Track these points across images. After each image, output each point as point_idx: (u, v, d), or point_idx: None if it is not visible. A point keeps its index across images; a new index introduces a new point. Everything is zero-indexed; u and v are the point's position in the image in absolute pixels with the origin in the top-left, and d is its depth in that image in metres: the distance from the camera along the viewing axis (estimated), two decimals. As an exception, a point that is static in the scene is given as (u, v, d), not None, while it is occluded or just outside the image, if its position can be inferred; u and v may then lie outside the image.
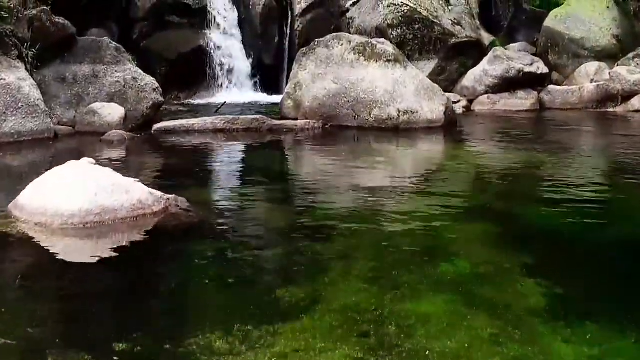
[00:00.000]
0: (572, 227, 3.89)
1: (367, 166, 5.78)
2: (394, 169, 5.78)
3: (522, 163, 5.88)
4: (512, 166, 5.75)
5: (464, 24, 12.28)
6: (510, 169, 5.62)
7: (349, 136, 7.74)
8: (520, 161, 5.94)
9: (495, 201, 4.50)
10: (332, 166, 5.94)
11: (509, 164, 5.86)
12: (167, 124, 7.67)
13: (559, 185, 4.96)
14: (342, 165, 5.98)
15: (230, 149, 7.08)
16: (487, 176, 5.33)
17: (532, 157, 6.18)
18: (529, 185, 4.98)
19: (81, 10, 12.13)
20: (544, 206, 4.41)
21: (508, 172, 5.51)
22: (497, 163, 5.96)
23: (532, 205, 4.44)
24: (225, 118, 7.83)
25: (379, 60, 8.21)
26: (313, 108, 8.26)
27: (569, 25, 12.33)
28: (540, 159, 6.07)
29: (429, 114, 8.05)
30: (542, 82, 10.86)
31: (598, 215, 4.17)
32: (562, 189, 4.83)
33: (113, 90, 7.88)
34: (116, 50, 8.03)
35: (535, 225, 3.95)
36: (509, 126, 8.60)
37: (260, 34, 12.50)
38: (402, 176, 5.41)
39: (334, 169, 5.75)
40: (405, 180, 5.18)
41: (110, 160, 5.92)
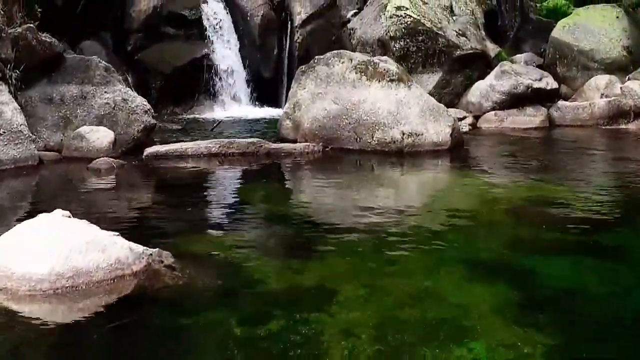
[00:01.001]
0: (601, 287, 3.48)
1: (367, 202, 5.36)
2: (396, 204, 5.36)
3: (535, 197, 5.47)
4: (524, 201, 5.34)
5: (469, 35, 11.88)
6: (522, 205, 5.22)
7: (351, 161, 7.35)
8: (533, 195, 5.53)
9: (507, 249, 4.10)
10: (332, 200, 5.55)
11: (520, 198, 5.45)
12: (159, 149, 7.27)
13: (578, 228, 4.55)
14: (342, 199, 5.59)
15: (225, 177, 6.68)
16: (497, 215, 4.91)
17: (545, 189, 5.76)
18: (545, 227, 4.56)
19: (73, 22, 11.79)
20: (565, 256, 4.01)
21: (520, 209, 5.11)
22: (508, 196, 5.55)
23: (550, 254, 4.04)
24: (220, 142, 7.44)
25: (381, 80, 7.81)
26: (313, 130, 7.86)
27: (577, 36, 11.94)
28: (555, 192, 5.65)
29: (434, 136, 7.65)
30: (552, 97, 10.45)
31: (630, 269, 3.77)
32: (583, 233, 4.43)
33: (102, 112, 7.49)
34: (105, 70, 7.64)
35: (557, 284, 3.54)
36: (518, 148, 8.18)
37: (259, 45, 12.13)
38: (404, 214, 5.00)
39: (333, 205, 5.35)
40: (407, 220, 4.78)
41: (93, 195, 5.54)
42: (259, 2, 12.13)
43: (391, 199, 5.49)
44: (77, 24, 11.79)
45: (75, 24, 11.76)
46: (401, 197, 5.58)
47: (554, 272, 3.74)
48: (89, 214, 4.77)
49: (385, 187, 6.07)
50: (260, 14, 12.09)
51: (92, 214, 4.64)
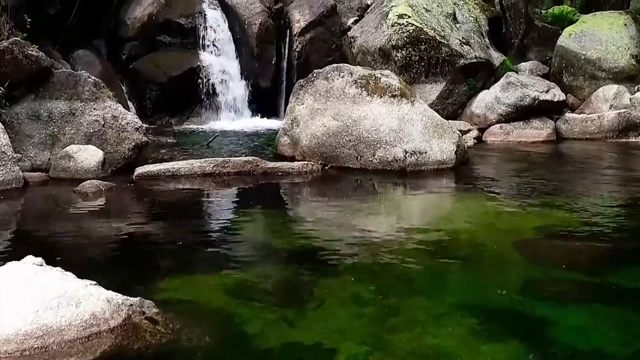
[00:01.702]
0: (624, 348, 3.15)
1: (368, 234, 5.03)
2: (398, 236, 5.00)
3: (547, 226, 5.14)
4: (535, 232, 5.01)
5: (473, 43, 11.56)
6: (533, 238, 4.89)
7: (351, 181, 7.03)
8: (545, 224, 5.20)
9: (519, 294, 3.77)
10: (330, 230, 5.23)
11: (531, 228, 5.12)
12: (150, 169, 6.94)
13: (597, 267, 4.23)
14: (341, 229, 5.25)
15: (219, 202, 6.35)
16: (507, 250, 4.58)
17: (557, 217, 5.44)
18: (559, 265, 4.24)
19: (66, 31, 11.47)
20: (583, 303, 3.68)
21: (531, 242, 4.78)
22: (517, 226, 5.22)
23: (566, 301, 3.71)
24: (215, 161, 7.11)
25: (383, 95, 7.48)
26: (311, 147, 7.53)
27: (584, 44, 11.62)
28: (568, 220, 5.32)
29: (438, 154, 7.32)
30: (559, 109, 10.11)
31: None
32: (602, 273, 4.10)
33: (91, 130, 7.17)
34: (95, 86, 7.31)
35: (575, 341, 3.22)
36: (526, 165, 7.85)
37: (257, 55, 11.79)
38: (407, 247, 4.67)
39: (332, 237, 5.02)
40: (410, 256, 4.44)
41: (77, 225, 5.21)
42: (257, 10, 11.79)
43: (393, 230, 5.15)
44: (70, 33, 11.48)
45: (68, 33, 11.45)
46: (403, 227, 5.24)
47: (571, 325, 3.41)
48: (69, 250, 4.47)
49: (386, 215, 5.74)
50: (258, 22, 11.75)
51: (71, 251, 4.33)
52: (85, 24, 11.71)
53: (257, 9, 11.78)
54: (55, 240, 4.71)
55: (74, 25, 11.51)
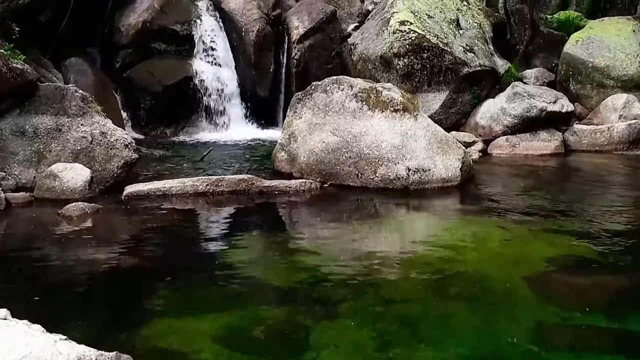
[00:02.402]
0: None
1: (368, 265, 4.69)
2: (399, 267, 4.68)
3: (561, 257, 4.81)
4: (548, 264, 4.67)
5: (477, 51, 11.22)
6: (546, 271, 4.55)
7: (351, 201, 6.69)
8: (558, 254, 4.86)
9: (533, 343, 3.44)
10: (329, 260, 4.89)
11: (543, 258, 4.78)
12: (140, 188, 6.61)
13: (617, 307, 3.88)
14: (341, 257, 4.91)
15: (212, 225, 6.00)
16: (518, 287, 4.24)
17: (571, 244, 5.10)
18: (576, 306, 3.90)
19: (57, 38, 11.15)
20: (605, 355, 3.34)
21: (544, 276, 4.44)
22: (529, 256, 4.87)
23: (585, 353, 3.36)
24: (208, 179, 6.77)
25: (385, 110, 7.14)
26: (310, 164, 7.19)
27: (591, 52, 11.27)
28: (583, 248, 4.98)
29: (443, 171, 6.98)
30: (567, 120, 9.76)
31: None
32: (624, 315, 3.75)
33: (78, 147, 6.83)
34: (82, 100, 6.97)
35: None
36: (534, 182, 7.50)
37: (254, 63, 11.45)
38: (409, 282, 4.35)
39: (330, 268, 4.68)
40: (413, 294, 4.13)
41: (57, 256, 4.87)
42: (254, 16, 11.46)
43: (394, 261, 4.81)
44: (62, 41, 11.16)
45: (60, 41, 11.13)
46: (406, 258, 4.90)
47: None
48: (42, 290, 4.13)
49: (387, 243, 5.38)
50: (256, 29, 11.41)
51: (46, 291, 3.99)
52: (78, 31, 11.39)
53: (254, 15, 11.45)
54: (29, 277, 4.36)
55: (66, 32, 11.19)
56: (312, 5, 12.00)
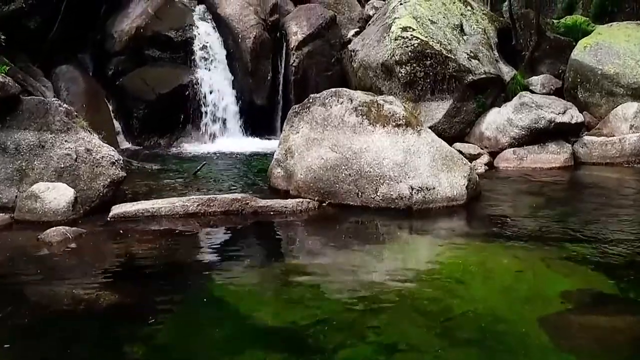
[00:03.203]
0: None
1: (369, 301, 4.32)
2: (401, 305, 4.30)
3: (579, 293, 4.42)
4: (566, 301, 4.28)
5: (482, 57, 10.85)
6: (564, 311, 4.15)
7: (351, 222, 6.30)
8: (576, 289, 4.47)
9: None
10: (326, 293, 4.52)
11: (560, 294, 4.39)
12: (127, 209, 6.23)
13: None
14: (337, 290, 4.53)
15: (202, 252, 5.59)
16: (531, 331, 3.84)
17: (590, 276, 4.72)
18: (596, 355, 3.51)
19: (48, 45, 10.80)
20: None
21: (562, 318, 4.05)
22: (542, 292, 4.49)
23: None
24: (199, 199, 6.39)
25: (386, 125, 6.76)
26: (307, 182, 6.81)
27: (600, 58, 10.91)
28: (600, 281, 4.60)
29: (448, 189, 6.60)
30: (576, 131, 9.37)
31: None
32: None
33: (62, 164, 6.45)
34: (66, 115, 6.59)
35: None
36: (544, 201, 7.11)
37: (251, 70, 11.09)
38: (411, 323, 3.96)
39: (329, 308, 4.30)
40: (417, 343, 3.74)
41: (27, 292, 4.49)
42: (251, 22, 11.08)
43: (397, 297, 4.41)
44: (53, 48, 10.80)
45: (50, 48, 10.78)
46: (409, 294, 4.50)
47: None
48: (3, 333, 3.75)
49: (389, 272, 4.97)
50: (253, 35, 11.04)
51: (7, 335, 3.61)
52: (70, 38, 11.05)
53: (251, 21, 11.07)
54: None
55: (57, 39, 10.84)
56: (311, 11, 11.63)
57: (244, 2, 11.14)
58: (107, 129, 10.46)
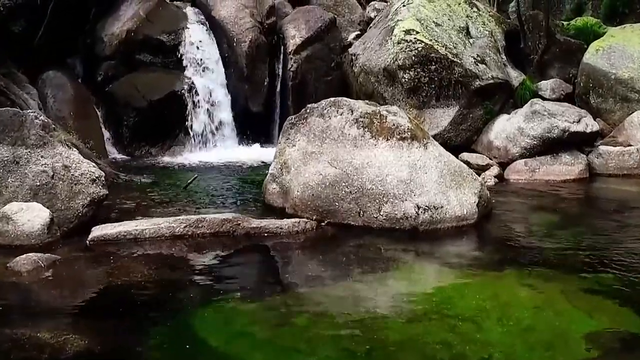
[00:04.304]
0: None
1: (368, 337, 3.82)
2: (408, 347, 3.80)
3: (602, 333, 3.92)
4: (588, 345, 3.78)
5: (489, 62, 10.35)
6: (591, 356, 3.64)
7: (352, 245, 5.78)
8: (599, 329, 3.98)
9: None
10: (322, 333, 4.00)
11: (581, 335, 3.90)
12: (108, 232, 5.72)
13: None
14: (335, 331, 4.02)
15: (189, 281, 5.05)
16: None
17: (613, 313, 4.24)
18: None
19: (35, 50, 10.31)
20: None
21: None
22: (562, 331, 3.99)
23: None
24: (186, 220, 5.88)
25: (390, 138, 6.24)
26: (304, 199, 6.30)
27: (614, 62, 10.40)
28: (629, 319, 4.10)
29: (457, 208, 6.08)
30: (591, 140, 8.84)
31: None
32: None
33: (38, 182, 5.93)
34: (43, 128, 6.08)
35: None
36: (560, 219, 6.60)
37: (247, 75, 10.57)
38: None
39: (323, 346, 3.79)
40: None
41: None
42: (247, 25, 10.57)
43: (402, 337, 3.91)
44: (39, 52, 10.30)
45: (37, 52, 10.28)
46: (416, 331, 4.00)
47: None
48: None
49: (393, 308, 4.44)
50: (249, 39, 10.52)
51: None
52: (57, 42, 10.54)
53: (247, 24, 10.56)
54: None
55: (43, 43, 10.33)
56: (310, 13, 11.11)
57: (239, 5, 10.63)
58: (96, 137, 9.98)
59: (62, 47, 10.66)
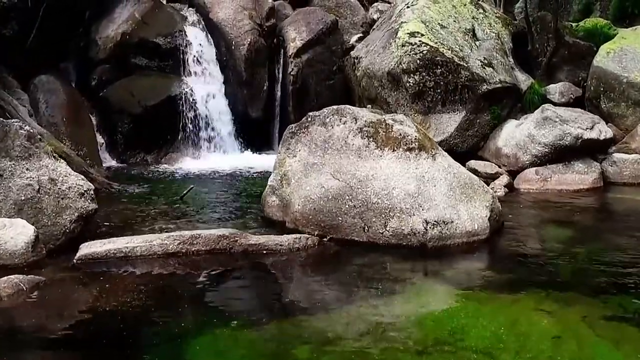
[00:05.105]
0: None
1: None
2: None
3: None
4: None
5: (496, 65, 10.00)
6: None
7: (356, 264, 5.42)
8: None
9: None
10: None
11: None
12: (97, 250, 5.38)
13: None
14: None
15: (182, 305, 4.70)
16: None
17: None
18: None
19: (27, 53, 9.98)
20: None
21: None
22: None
23: None
24: (180, 237, 5.53)
25: (396, 148, 5.89)
26: (306, 213, 5.95)
27: (625, 65, 10.05)
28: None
29: (468, 223, 5.73)
30: (605, 148, 8.49)
31: None
32: None
33: (22, 197, 5.59)
34: (28, 139, 5.74)
35: None
36: (577, 234, 6.25)
37: (246, 80, 10.23)
38: None
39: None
40: None
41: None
42: (245, 27, 10.23)
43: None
44: (31, 56, 9.96)
45: (28, 56, 9.94)
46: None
47: None
48: None
49: (400, 338, 4.10)
50: (247, 41, 10.19)
51: None
52: (50, 45, 10.21)
53: (246, 26, 10.22)
54: None
55: (35, 46, 10.00)
56: (311, 14, 10.77)
57: (237, 6, 10.29)
58: (90, 144, 9.66)
59: (55, 50, 10.34)
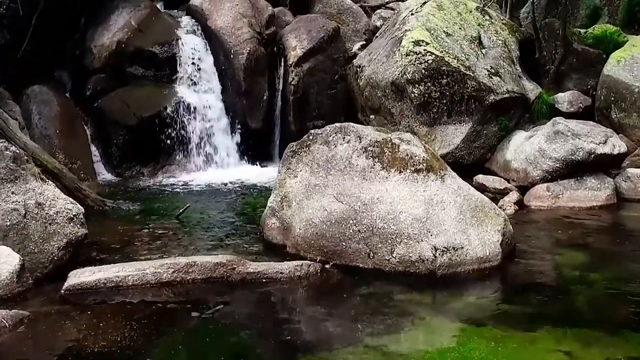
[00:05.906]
0: None
1: None
2: None
3: None
4: None
5: (503, 74, 9.69)
6: None
7: (360, 294, 5.11)
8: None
9: None
10: None
11: None
12: (86, 279, 5.07)
13: None
14: None
15: (175, 339, 4.40)
16: None
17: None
18: None
19: (19, 63, 9.67)
20: None
21: None
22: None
23: None
24: (175, 265, 5.22)
25: (403, 170, 5.58)
26: (307, 238, 5.64)
27: (637, 74, 9.76)
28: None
29: (479, 248, 5.42)
30: (618, 162, 8.17)
31: None
32: None
33: (8, 222, 5.27)
34: (14, 160, 5.43)
35: None
36: (594, 258, 5.92)
37: (245, 90, 9.91)
38: None
39: None
40: None
41: None
42: (245, 36, 9.91)
43: None
44: (24, 65, 9.66)
45: (21, 65, 9.63)
46: None
47: None
48: None
49: None
50: (247, 50, 9.87)
51: None
52: (44, 54, 9.90)
53: (245, 35, 9.90)
54: None
55: (28, 55, 9.69)
56: (312, 22, 10.45)
57: (237, 14, 9.98)
58: (84, 157, 9.39)
59: (49, 59, 10.04)
